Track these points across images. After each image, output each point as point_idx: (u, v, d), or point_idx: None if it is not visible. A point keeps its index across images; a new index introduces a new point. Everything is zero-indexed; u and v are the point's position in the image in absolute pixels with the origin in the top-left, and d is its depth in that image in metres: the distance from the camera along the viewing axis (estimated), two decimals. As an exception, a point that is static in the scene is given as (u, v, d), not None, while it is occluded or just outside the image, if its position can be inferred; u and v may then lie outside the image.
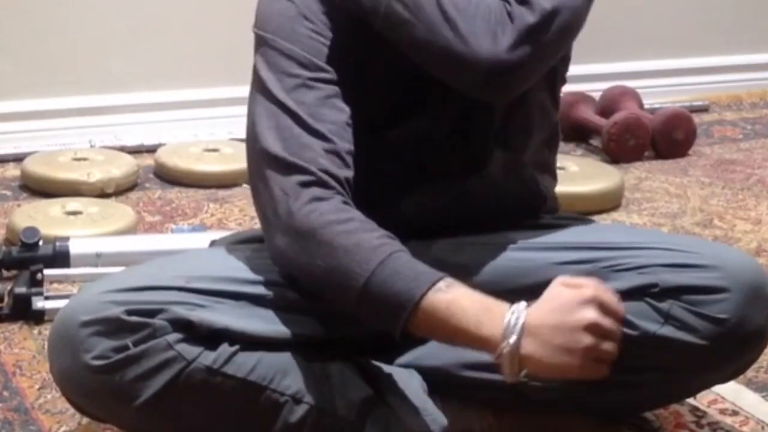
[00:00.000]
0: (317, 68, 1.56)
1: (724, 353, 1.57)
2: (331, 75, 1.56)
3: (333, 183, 1.51)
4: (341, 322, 1.58)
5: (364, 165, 1.56)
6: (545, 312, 1.43)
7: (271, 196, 1.52)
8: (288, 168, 1.51)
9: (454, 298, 1.45)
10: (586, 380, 1.45)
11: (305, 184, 1.50)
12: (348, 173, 1.54)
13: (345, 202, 1.51)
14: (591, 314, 1.42)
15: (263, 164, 1.53)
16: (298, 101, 1.54)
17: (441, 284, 1.45)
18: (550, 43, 1.54)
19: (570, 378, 1.44)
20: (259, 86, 1.58)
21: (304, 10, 1.58)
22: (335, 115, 1.55)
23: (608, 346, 1.43)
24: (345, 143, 1.54)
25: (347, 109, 1.56)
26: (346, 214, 1.50)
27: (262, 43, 1.59)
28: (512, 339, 1.41)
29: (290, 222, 1.49)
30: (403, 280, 1.45)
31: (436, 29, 1.52)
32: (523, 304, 1.44)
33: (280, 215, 1.50)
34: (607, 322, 1.43)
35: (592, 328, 1.41)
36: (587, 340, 1.41)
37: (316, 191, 1.50)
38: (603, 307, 1.43)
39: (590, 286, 1.44)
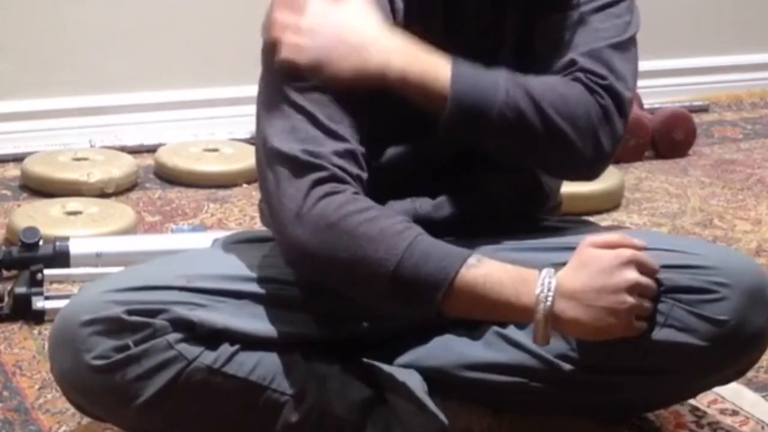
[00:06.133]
0: None
1: (725, 355, 1.57)
2: None
3: (348, 179, 1.51)
4: (343, 321, 1.59)
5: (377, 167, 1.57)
6: (586, 276, 1.47)
7: (285, 195, 1.50)
8: (304, 168, 1.50)
9: (488, 272, 1.47)
10: (625, 339, 1.49)
11: (320, 181, 1.49)
12: (362, 173, 1.53)
13: (356, 193, 1.51)
14: (632, 275, 1.47)
15: (276, 165, 1.52)
16: (313, 101, 1.53)
17: (472, 260, 1.47)
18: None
19: (612, 338, 1.49)
20: (270, 88, 1.57)
21: None
22: (348, 117, 1.54)
23: (648, 303, 1.50)
24: (358, 144, 1.54)
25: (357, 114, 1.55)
26: (363, 204, 1.49)
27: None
28: (547, 303, 1.45)
29: (307, 220, 1.48)
30: (434, 261, 1.46)
31: (539, 141, 1.55)
32: (551, 269, 1.48)
33: (295, 215, 1.49)
34: (646, 281, 1.49)
35: (633, 289, 1.47)
36: (630, 300, 1.47)
37: (329, 187, 1.49)
38: (640, 266, 1.48)
39: (625, 245, 1.48)
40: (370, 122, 1.56)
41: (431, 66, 1.52)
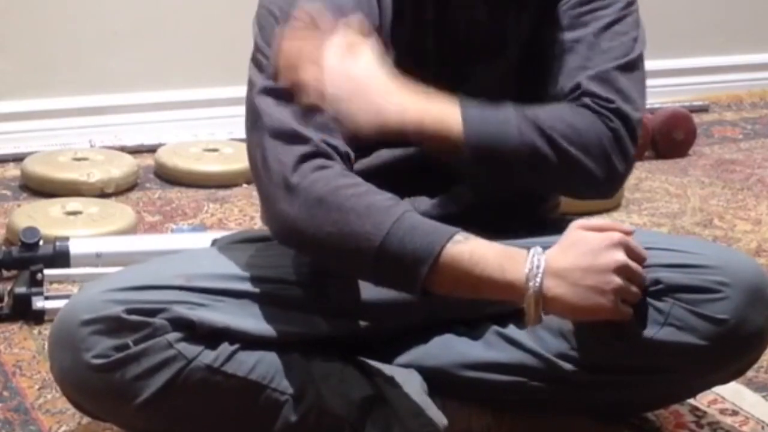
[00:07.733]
0: None
1: (725, 354, 1.57)
2: None
3: (334, 154, 1.51)
4: (343, 319, 1.58)
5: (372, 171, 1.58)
6: (575, 255, 1.47)
7: (273, 169, 1.51)
8: (291, 139, 1.51)
9: (474, 248, 1.47)
10: (610, 324, 1.50)
11: (308, 156, 1.50)
12: (348, 150, 1.54)
13: (345, 169, 1.51)
14: (621, 256, 1.48)
15: (265, 137, 1.53)
16: None
17: (458, 236, 1.47)
18: None
19: (597, 319, 1.49)
20: (259, 66, 1.57)
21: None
22: None
23: (635, 288, 1.49)
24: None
25: None
26: (351, 179, 1.50)
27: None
28: (537, 281, 1.46)
29: (297, 194, 1.49)
30: (420, 236, 1.46)
31: (555, 172, 1.57)
32: (539, 248, 1.48)
33: (285, 189, 1.49)
34: (634, 265, 1.49)
35: (621, 270, 1.48)
36: (617, 280, 1.47)
37: (318, 161, 1.50)
38: (629, 251, 1.49)
39: (614, 229, 1.50)
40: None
41: (443, 116, 1.53)
